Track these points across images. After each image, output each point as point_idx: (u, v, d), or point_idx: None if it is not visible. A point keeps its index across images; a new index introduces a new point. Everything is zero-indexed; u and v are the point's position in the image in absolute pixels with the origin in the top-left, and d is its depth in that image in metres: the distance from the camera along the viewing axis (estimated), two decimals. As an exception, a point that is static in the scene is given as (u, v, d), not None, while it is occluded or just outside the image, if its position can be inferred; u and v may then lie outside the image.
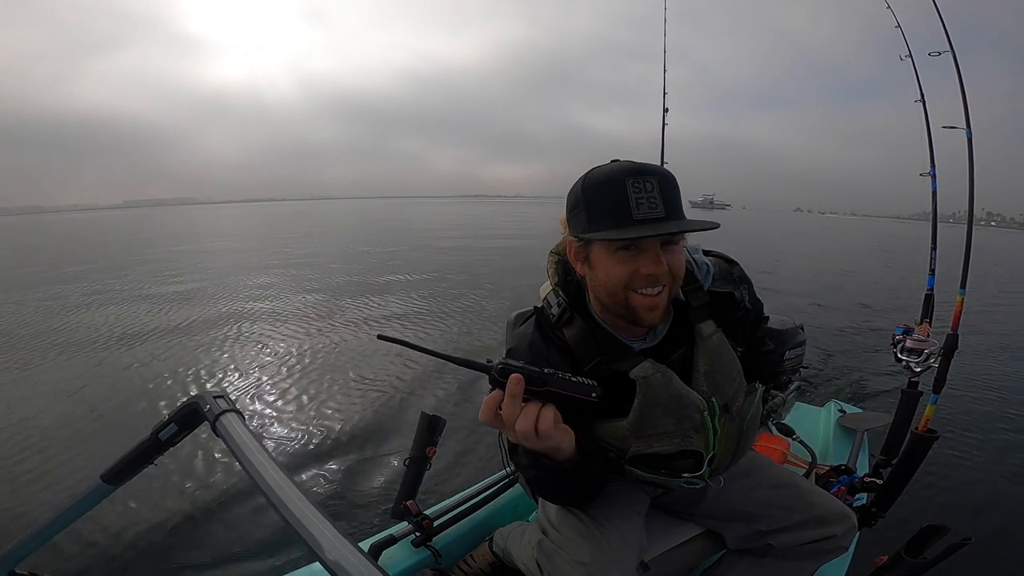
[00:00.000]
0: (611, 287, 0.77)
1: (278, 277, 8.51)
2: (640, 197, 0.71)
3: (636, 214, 0.71)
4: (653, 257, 0.73)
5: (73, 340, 4.88)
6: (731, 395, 0.85)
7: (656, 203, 0.72)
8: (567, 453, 0.72)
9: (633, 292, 0.76)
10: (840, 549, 0.96)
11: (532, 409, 0.64)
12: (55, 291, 7.57)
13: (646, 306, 0.76)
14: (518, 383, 0.62)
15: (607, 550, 0.86)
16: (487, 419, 0.65)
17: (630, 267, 0.75)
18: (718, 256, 0.92)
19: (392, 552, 1.14)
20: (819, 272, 10.31)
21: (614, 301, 0.78)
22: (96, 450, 2.71)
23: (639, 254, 0.74)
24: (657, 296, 0.76)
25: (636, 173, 0.73)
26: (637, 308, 0.77)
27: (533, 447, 0.68)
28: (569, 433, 0.70)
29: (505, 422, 0.64)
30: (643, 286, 0.75)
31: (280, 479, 0.55)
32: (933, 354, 1.52)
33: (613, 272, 0.76)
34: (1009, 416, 3.23)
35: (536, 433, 0.64)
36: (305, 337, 4.78)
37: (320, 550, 0.47)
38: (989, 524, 2.08)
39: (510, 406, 0.63)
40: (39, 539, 0.74)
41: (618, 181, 0.73)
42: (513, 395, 0.63)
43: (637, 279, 0.75)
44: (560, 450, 0.70)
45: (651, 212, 0.71)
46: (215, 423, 0.64)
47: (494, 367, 0.64)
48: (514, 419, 0.64)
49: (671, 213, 0.73)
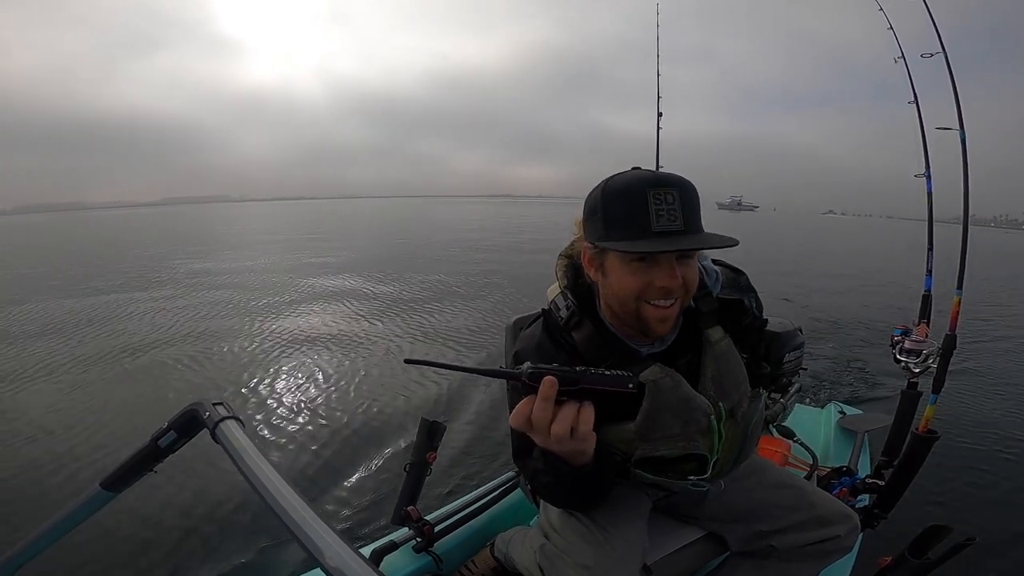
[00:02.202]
0: (623, 297, 0.77)
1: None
2: (660, 209, 0.71)
3: (655, 226, 0.71)
4: (668, 270, 0.73)
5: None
6: (737, 400, 0.85)
7: (676, 216, 0.71)
8: (589, 456, 0.72)
9: (645, 303, 0.76)
10: (843, 550, 0.96)
11: (570, 410, 0.64)
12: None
13: (658, 318, 0.76)
14: (551, 385, 0.61)
15: (610, 553, 0.86)
16: (519, 424, 0.64)
17: (644, 279, 0.74)
18: (725, 266, 0.93)
19: (393, 558, 1.14)
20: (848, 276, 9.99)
21: (625, 311, 0.78)
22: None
23: (654, 266, 0.74)
24: (669, 308, 0.76)
25: (658, 184, 0.72)
26: (648, 319, 0.77)
27: (562, 449, 0.67)
28: (595, 437, 0.69)
29: (535, 426, 0.64)
30: (656, 298, 0.75)
31: (280, 485, 0.55)
32: (932, 355, 1.52)
33: (626, 282, 0.75)
34: (1010, 414, 3.23)
35: (572, 435, 0.64)
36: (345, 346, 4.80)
37: (321, 556, 0.47)
38: (993, 524, 2.07)
39: (542, 409, 0.63)
40: (38, 546, 0.73)
41: (639, 191, 0.72)
42: (546, 397, 0.62)
43: (651, 291, 0.75)
44: (585, 453, 0.70)
45: (670, 225, 0.71)
46: (214, 430, 0.64)
47: (523, 372, 0.62)
48: (546, 422, 0.63)
49: (689, 226, 0.72)
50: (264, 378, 3.78)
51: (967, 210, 1.57)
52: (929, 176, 1.79)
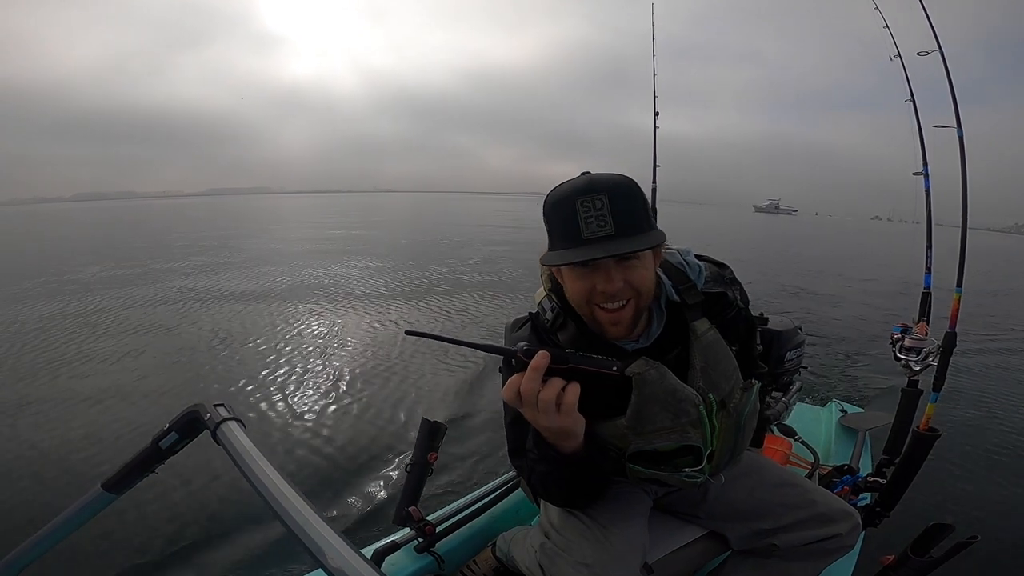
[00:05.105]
0: (577, 302, 0.80)
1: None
2: (589, 216, 0.72)
3: (585, 234, 0.72)
4: (606, 276, 0.75)
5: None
6: (728, 391, 0.85)
7: (605, 221, 0.72)
8: (578, 441, 0.73)
9: (596, 307, 0.78)
10: (845, 548, 0.96)
11: (557, 382, 0.66)
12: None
13: (609, 320, 0.79)
14: (544, 357, 0.65)
15: (610, 551, 0.86)
16: (509, 396, 0.68)
17: (588, 285, 0.77)
18: (709, 261, 0.93)
19: (395, 558, 1.14)
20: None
21: (583, 314, 0.82)
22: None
23: (595, 272, 0.76)
24: (619, 311, 0.78)
25: (584, 192, 0.73)
26: (601, 322, 0.80)
27: (551, 424, 0.69)
28: (582, 419, 0.71)
29: (524, 398, 0.66)
30: (603, 302, 0.77)
31: (282, 487, 0.55)
32: (932, 353, 1.52)
33: (575, 288, 0.79)
34: (1011, 412, 3.23)
35: (558, 407, 0.66)
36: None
37: (322, 557, 0.47)
38: (995, 522, 2.08)
39: (531, 380, 0.65)
40: (39, 548, 0.73)
41: (568, 201, 0.74)
42: (537, 368, 0.65)
43: (597, 296, 0.77)
44: (573, 434, 0.72)
45: (600, 231, 0.72)
46: (215, 431, 0.64)
47: (519, 349, 0.67)
48: (534, 393, 0.66)
49: (622, 230, 0.72)
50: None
51: (966, 209, 1.57)
52: (927, 174, 1.79)
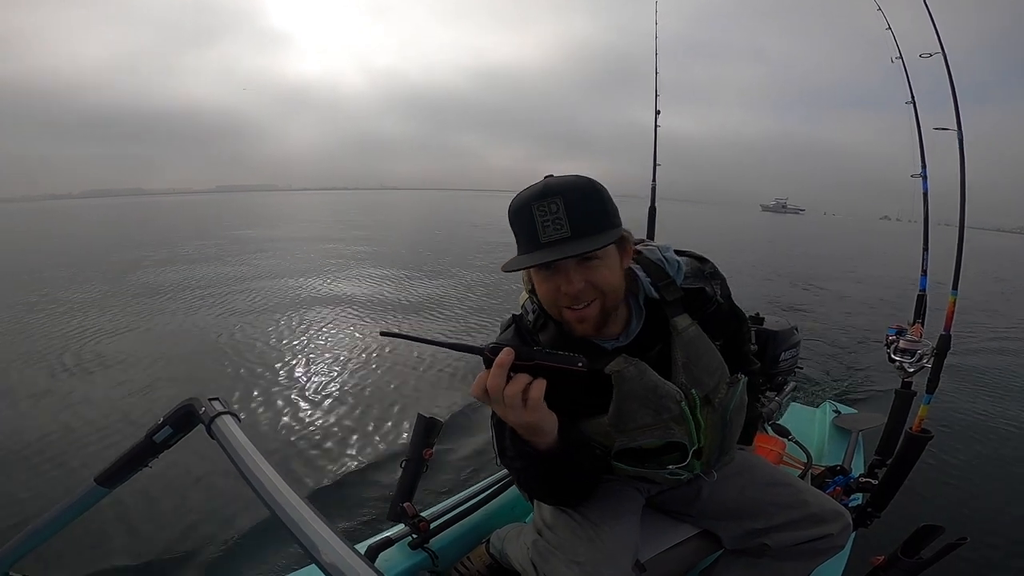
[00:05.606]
0: (546, 303, 0.82)
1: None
2: (545, 220, 0.73)
3: (542, 237, 0.74)
4: (566, 277, 0.76)
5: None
6: (712, 387, 0.86)
7: (561, 224, 0.73)
8: (551, 437, 0.74)
9: (563, 308, 0.79)
10: (836, 548, 0.97)
11: (523, 378, 0.68)
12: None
13: (575, 319, 0.80)
14: (508, 354, 0.67)
15: (601, 549, 0.87)
16: (477, 393, 0.69)
17: (552, 286, 0.78)
18: (690, 255, 0.93)
19: (389, 554, 1.14)
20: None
21: (553, 314, 0.83)
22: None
23: (556, 274, 0.77)
24: (584, 310, 0.78)
25: (540, 196, 0.74)
26: (569, 322, 0.81)
27: (519, 419, 0.70)
28: (552, 416, 0.72)
29: (491, 394, 0.67)
30: (567, 303, 0.78)
31: (276, 481, 0.55)
32: (926, 355, 1.53)
33: (542, 290, 0.80)
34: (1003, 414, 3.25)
35: (524, 403, 0.67)
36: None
37: (316, 552, 0.47)
38: (984, 523, 2.09)
39: (496, 376, 0.67)
40: (33, 541, 0.73)
41: (525, 207, 0.75)
42: (501, 364, 0.66)
43: (561, 297, 0.78)
44: (543, 430, 0.73)
45: (556, 234, 0.73)
46: (210, 425, 0.64)
47: (487, 347, 0.69)
48: (500, 389, 0.67)
49: (579, 231, 0.73)
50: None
51: (963, 211, 1.57)
52: (925, 176, 1.79)
